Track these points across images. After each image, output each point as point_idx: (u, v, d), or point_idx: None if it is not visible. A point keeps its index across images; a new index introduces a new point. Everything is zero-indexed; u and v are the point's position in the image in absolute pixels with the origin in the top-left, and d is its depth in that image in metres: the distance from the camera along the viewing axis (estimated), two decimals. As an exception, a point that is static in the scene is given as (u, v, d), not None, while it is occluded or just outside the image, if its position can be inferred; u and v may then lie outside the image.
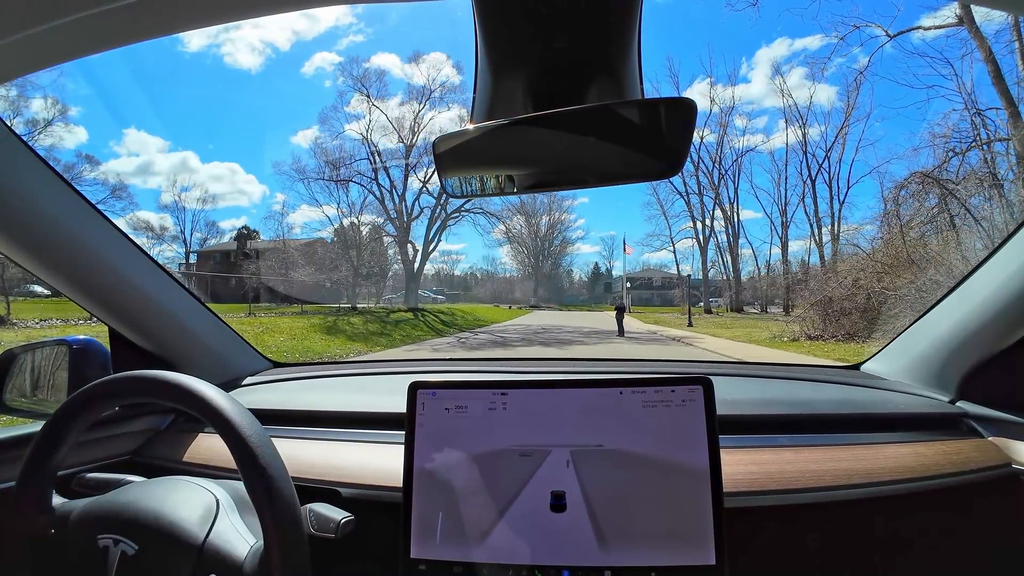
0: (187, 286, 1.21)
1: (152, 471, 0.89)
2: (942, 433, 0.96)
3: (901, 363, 1.17)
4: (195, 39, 33.05)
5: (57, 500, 0.77)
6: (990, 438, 0.94)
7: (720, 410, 0.76)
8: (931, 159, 14.69)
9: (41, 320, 11.38)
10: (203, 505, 0.73)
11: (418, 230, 25.08)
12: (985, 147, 13.81)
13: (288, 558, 0.64)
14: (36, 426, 0.83)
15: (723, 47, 46.00)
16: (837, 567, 0.88)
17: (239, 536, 0.70)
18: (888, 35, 18.39)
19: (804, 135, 24.41)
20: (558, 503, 0.75)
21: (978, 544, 0.89)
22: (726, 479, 0.73)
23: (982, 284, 0.95)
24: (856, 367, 1.31)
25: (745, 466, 0.87)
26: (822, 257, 22.24)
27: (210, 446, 1.05)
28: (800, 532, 0.87)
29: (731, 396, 1.02)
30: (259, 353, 1.44)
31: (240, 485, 0.73)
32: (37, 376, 1.11)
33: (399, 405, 0.84)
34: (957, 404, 1.02)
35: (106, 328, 1.14)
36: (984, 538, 0.89)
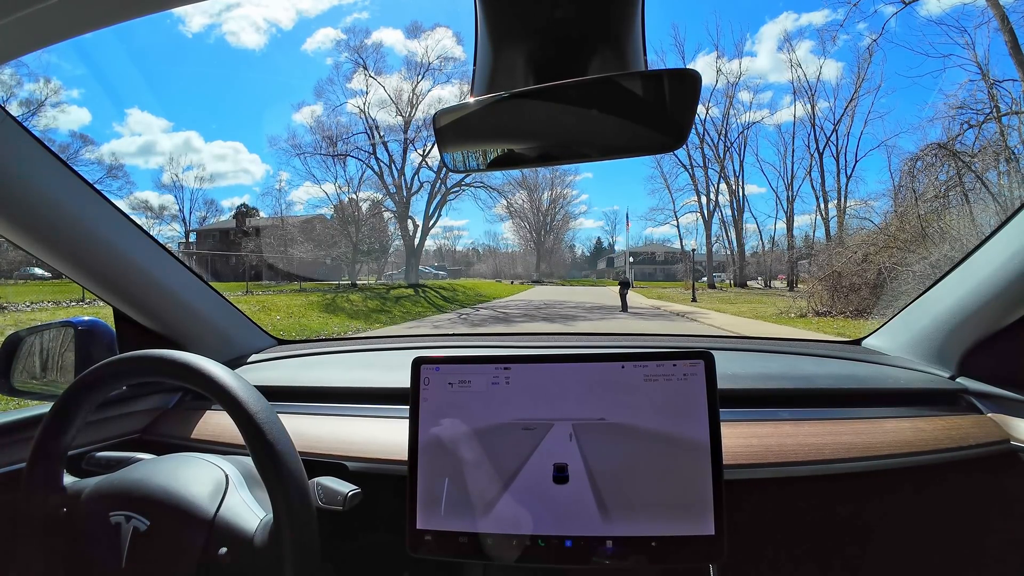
0: (188, 265, 1.21)
1: (161, 448, 0.90)
2: (942, 409, 0.97)
3: (902, 339, 1.17)
4: (196, 18, 32.58)
5: (68, 479, 0.78)
6: (989, 414, 0.94)
7: (721, 384, 0.76)
8: (943, 132, 14.43)
9: (32, 303, 11.35)
10: (213, 480, 0.75)
11: (418, 205, 24.91)
12: (1004, 119, 13.50)
13: (297, 530, 0.65)
14: (45, 407, 0.85)
15: (729, 16, 44.66)
16: (835, 538, 0.90)
17: (249, 510, 0.72)
18: (903, 1, 17.81)
19: (813, 107, 23.92)
20: (561, 475, 0.76)
21: (975, 519, 0.90)
22: (726, 452, 0.74)
23: (985, 261, 0.94)
24: (857, 342, 1.31)
25: (745, 439, 0.88)
26: (827, 232, 22.09)
27: (218, 423, 1.06)
28: (799, 504, 0.88)
29: (732, 370, 1.03)
30: (263, 331, 1.45)
31: (249, 460, 0.74)
32: (44, 358, 1.12)
33: (403, 380, 0.84)
34: (957, 380, 1.02)
35: (111, 310, 1.15)
36: (981, 513, 0.90)
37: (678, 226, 30.44)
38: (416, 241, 24.54)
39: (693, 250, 27.63)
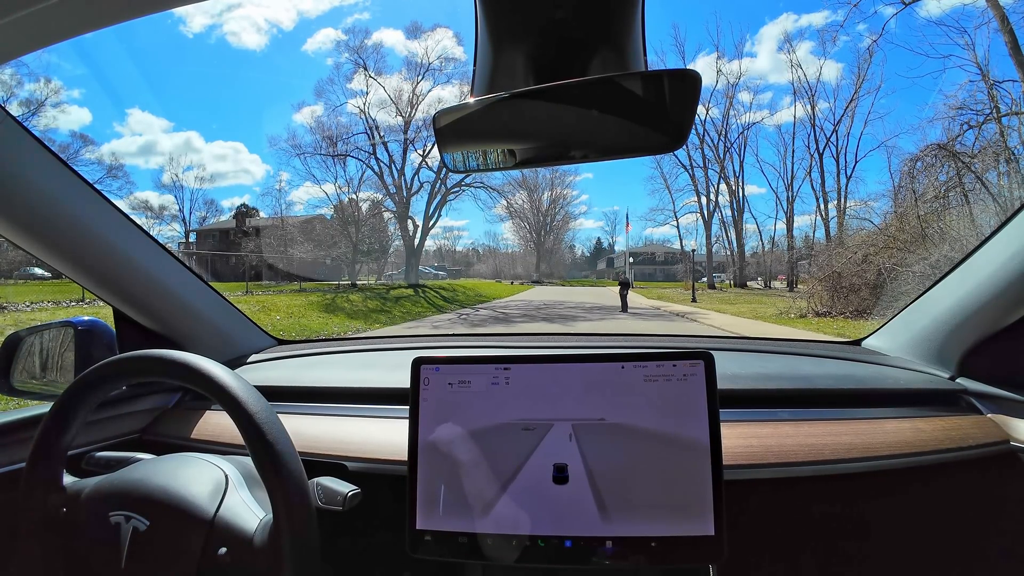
0: (188, 265, 1.21)
1: (161, 448, 0.90)
2: (941, 409, 0.97)
3: (902, 339, 1.17)
4: (197, 18, 32.79)
5: (68, 479, 0.78)
6: (989, 415, 0.94)
7: (721, 384, 0.76)
8: (943, 132, 14.48)
9: (32, 303, 11.30)
10: (212, 480, 0.75)
11: (418, 205, 24.90)
12: (1004, 120, 13.51)
13: (297, 531, 0.65)
14: (45, 407, 0.85)
15: (729, 16, 44.73)
16: (835, 539, 0.89)
17: (248, 510, 0.72)
18: (903, 1, 17.84)
19: (813, 107, 23.96)
20: (560, 475, 0.76)
21: (975, 519, 0.90)
22: (726, 452, 0.74)
23: (985, 262, 0.94)
24: (857, 343, 1.31)
25: (745, 439, 0.88)
26: (827, 232, 22.14)
27: (218, 423, 1.06)
28: (798, 504, 0.88)
29: (732, 371, 1.03)
30: (263, 331, 1.45)
31: (248, 460, 0.74)
32: (44, 358, 1.12)
33: (403, 380, 0.84)
34: (957, 381, 1.02)
35: (111, 310, 1.15)
36: (981, 514, 0.90)
37: (678, 226, 30.62)
38: (416, 241, 24.55)
39: (693, 250, 27.66)
